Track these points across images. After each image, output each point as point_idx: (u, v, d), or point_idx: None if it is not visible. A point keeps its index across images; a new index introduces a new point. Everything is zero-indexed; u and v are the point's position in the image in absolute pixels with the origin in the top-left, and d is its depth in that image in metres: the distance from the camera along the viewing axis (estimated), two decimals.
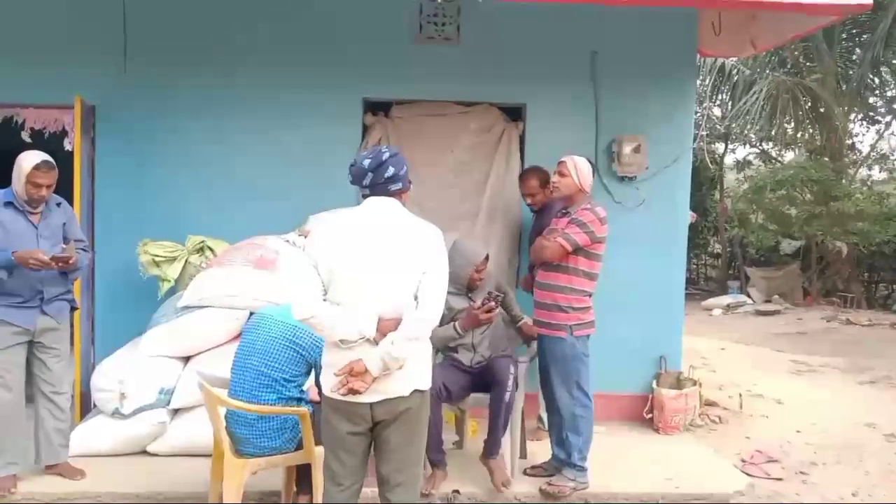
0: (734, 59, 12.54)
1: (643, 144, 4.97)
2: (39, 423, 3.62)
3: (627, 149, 4.95)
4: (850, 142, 16.21)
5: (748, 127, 14.27)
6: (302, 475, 3.27)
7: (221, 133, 4.83)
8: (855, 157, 16.48)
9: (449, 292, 3.77)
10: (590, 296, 3.74)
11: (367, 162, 2.51)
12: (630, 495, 3.75)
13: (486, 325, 3.71)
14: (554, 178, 3.76)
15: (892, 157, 19.56)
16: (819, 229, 12.79)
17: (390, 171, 2.49)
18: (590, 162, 3.76)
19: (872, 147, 17.69)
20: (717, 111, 16.05)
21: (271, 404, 3.04)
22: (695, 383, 5.06)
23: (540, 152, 4.92)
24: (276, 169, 4.82)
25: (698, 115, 14.69)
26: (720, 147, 16.78)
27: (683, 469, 4.09)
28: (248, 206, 4.76)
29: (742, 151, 18.19)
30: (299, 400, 3.13)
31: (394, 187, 2.52)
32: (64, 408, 3.64)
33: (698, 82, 12.83)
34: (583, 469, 3.73)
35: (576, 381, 3.71)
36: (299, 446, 3.11)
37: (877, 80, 15.87)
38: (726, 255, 16.36)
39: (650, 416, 4.90)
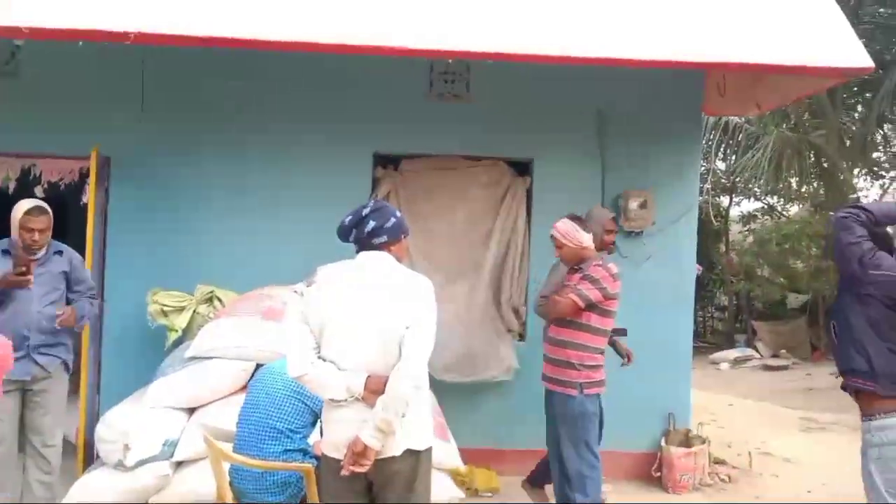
0: (738, 117, 12.73)
1: (649, 200, 5.02)
2: (26, 474, 3.59)
3: (634, 204, 5.00)
4: (854, 196, 16.28)
5: (753, 181, 14.39)
6: None
7: (233, 183, 4.90)
8: None
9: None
10: (602, 353, 3.73)
11: (348, 219, 2.56)
12: None
13: None
14: (556, 253, 3.80)
15: None
16: (825, 284, 12.75)
17: (370, 225, 2.51)
18: (572, 217, 3.76)
19: (877, 201, 17.76)
20: (721, 165, 16.20)
21: (276, 456, 3.01)
22: (703, 441, 4.99)
23: (547, 207, 4.98)
24: (286, 219, 4.88)
25: (703, 169, 14.85)
26: (725, 200, 16.88)
27: None
28: (258, 256, 4.80)
29: (747, 205, 18.30)
30: (304, 453, 3.10)
31: (378, 241, 2.52)
32: (52, 461, 3.61)
33: (704, 137, 13.00)
34: None
35: (584, 441, 3.66)
36: (303, 502, 3.07)
37: (880, 136, 16.05)
38: (732, 309, 16.29)
39: (658, 474, 4.83)
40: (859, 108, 14.71)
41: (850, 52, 4.08)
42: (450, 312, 4.76)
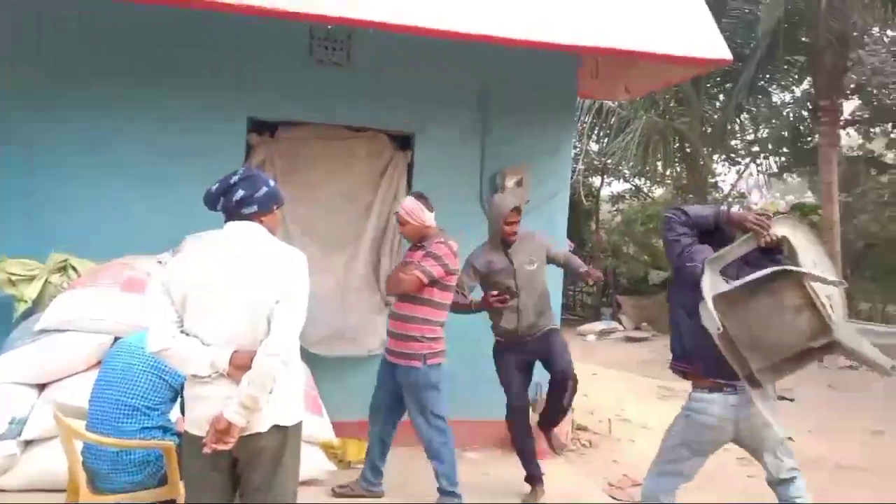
0: (611, 101, 13.31)
1: (525, 178, 5.16)
2: None
3: (510, 182, 5.12)
4: (713, 180, 17.56)
5: (623, 163, 15.15)
6: None
7: (95, 146, 4.53)
8: (717, 195, 17.85)
9: (489, 251, 4.13)
10: (442, 326, 3.88)
11: (215, 187, 2.45)
12: None
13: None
14: (399, 230, 3.89)
15: (749, 196, 21.36)
16: None
17: (239, 193, 2.42)
18: (417, 196, 3.89)
19: (733, 186, 19.24)
20: (594, 147, 16.92)
21: (133, 434, 2.87)
22: None
23: (427, 181, 4.98)
24: (152, 184, 4.57)
25: (577, 150, 15.46)
26: (597, 181, 17.68)
27: (554, 494, 4.22)
28: (120, 224, 4.49)
29: (617, 186, 19.27)
30: (164, 430, 2.96)
31: (247, 210, 2.43)
32: None
33: (578, 120, 13.50)
34: (457, 495, 3.77)
35: (431, 410, 3.82)
36: (163, 481, 2.95)
37: (738, 125, 17.33)
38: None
39: None
40: (721, 97, 15.77)
41: (712, 44, 4.36)
42: (327, 285, 4.71)
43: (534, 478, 4.18)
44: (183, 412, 2.64)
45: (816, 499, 4.51)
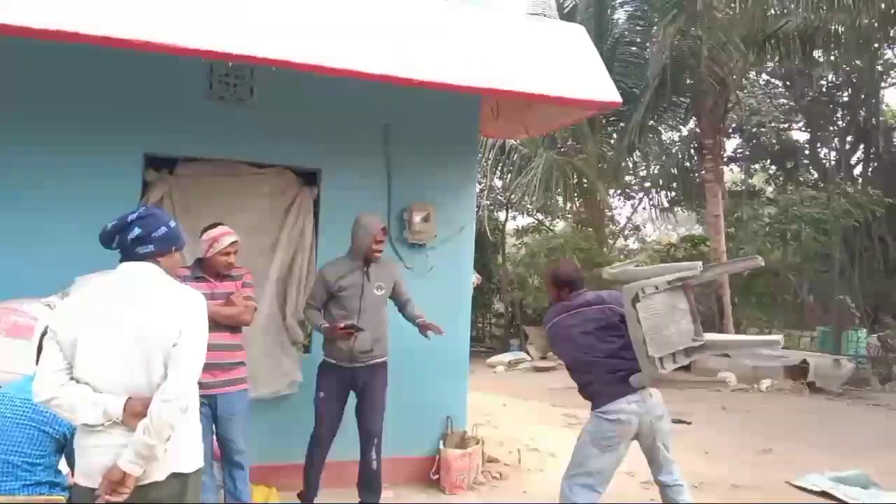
0: (513, 140, 13.79)
1: (432, 213, 5.24)
2: None
3: (417, 217, 5.19)
4: (609, 214, 18.38)
5: (526, 198, 15.63)
6: None
7: None
8: (614, 228, 18.68)
9: (345, 265, 4.17)
10: None
11: (111, 224, 2.38)
12: None
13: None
14: (233, 260, 3.88)
15: (644, 229, 22.46)
16: None
17: (136, 232, 2.35)
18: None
19: (628, 219, 20.19)
20: (498, 183, 17.39)
21: (17, 492, 2.67)
22: (478, 442, 5.30)
23: (335, 217, 4.99)
24: (40, 222, 4.33)
25: (482, 185, 15.83)
26: (502, 215, 18.14)
27: None
28: (4, 264, 4.22)
29: (521, 220, 19.84)
30: (52, 486, 2.78)
31: (143, 250, 2.36)
32: None
33: (482, 157, 13.86)
34: None
35: (247, 430, 3.92)
36: None
37: (631, 163, 18.28)
38: (508, 315, 17.51)
39: (437, 476, 5.03)
40: (615, 136, 16.62)
41: (603, 88, 4.62)
42: None
43: (304, 498, 4.26)
44: (70, 464, 2.49)
45: None
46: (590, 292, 3.89)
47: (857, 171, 19.93)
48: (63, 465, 2.86)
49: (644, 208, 19.79)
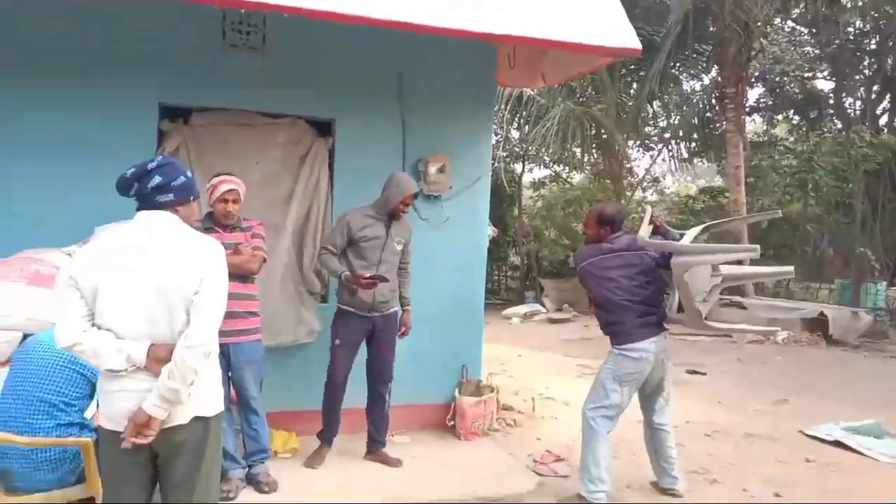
0: (529, 89, 13.55)
1: (447, 164, 5.21)
2: None
3: (433, 168, 5.16)
4: (628, 166, 18.15)
5: (543, 150, 15.46)
6: None
7: None
8: (632, 179, 18.46)
9: (369, 216, 4.24)
10: None
11: (130, 171, 2.37)
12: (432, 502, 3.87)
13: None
14: (231, 208, 3.85)
15: (663, 181, 22.21)
16: None
17: (156, 180, 2.35)
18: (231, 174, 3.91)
19: (647, 171, 19.94)
20: (515, 134, 17.18)
21: (49, 432, 2.77)
22: (493, 390, 5.37)
23: (349, 168, 4.99)
24: (59, 175, 4.35)
25: (498, 136, 15.66)
26: (518, 167, 17.98)
27: (481, 473, 4.33)
28: (23, 216, 4.26)
29: (538, 172, 19.66)
30: (82, 427, 2.87)
31: (163, 199, 2.37)
32: None
33: (499, 108, 13.68)
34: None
35: (262, 380, 4.03)
36: (81, 479, 2.86)
37: (651, 112, 17.94)
38: (524, 268, 17.52)
39: (452, 423, 5.12)
40: (634, 85, 16.28)
41: (623, 34, 4.50)
42: None
43: (324, 437, 4.37)
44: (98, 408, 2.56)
45: (725, 465, 4.82)
46: (625, 235, 4.09)
47: (883, 120, 19.45)
48: (90, 410, 2.95)
49: (663, 160, 19.53)
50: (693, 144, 18.97)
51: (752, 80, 17.68)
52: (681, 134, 18.03)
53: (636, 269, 3.97)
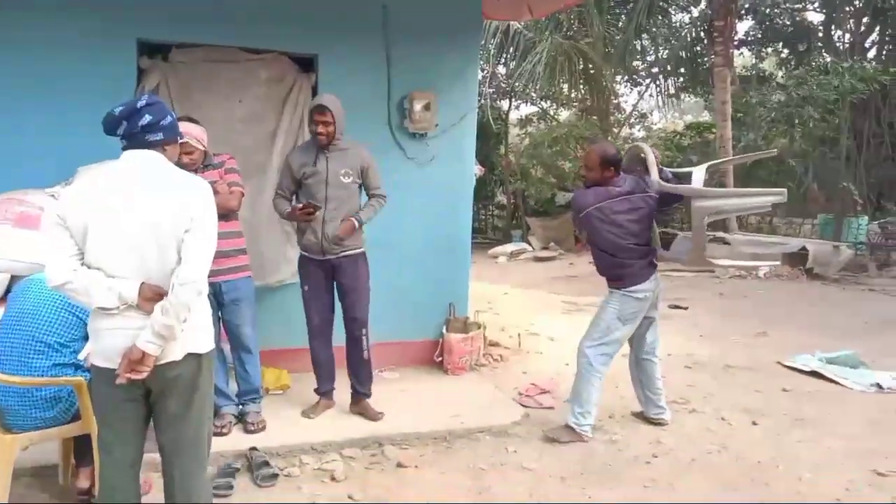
0: (516, 23, 13.27)
1: (433, 102, 5.14)
2: None
3: (418, 106, 5.10)
4: (615, 102, 17.97)
5: (530, 86, 15.25)
6: (81, 448, 3.07)
7: None
8: (620, 116, 18.31)
9: (307, 151, 4.05)
10: None
11: (119, 109, 2.33)
12: (421, 434, 3.99)
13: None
14: (185, 161, 3.60)
15: (650, 117, 22.06)
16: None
17: (146, 119, 2.32)
18: (190, 119, 3.72)
19: (634, 107, 19.77)
20: (501, 70, 16.90)
21: (45, 372, 2.80)
22: (479, 327, 5.46)
23: None
24: (35, 114, 4.27)
25: (485, 72, 15.40)
26: (505, 104, 17.76)
27: (468, 406, 4.44)
28: (6, 157, 4.20)
29: (525, 109, 19.44)
30: (76, 367, 2.91)
31: (153, 138, 2.34)
32: None
33: (485, 42, 13.40)
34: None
35: (254, 315, 3.99)
36: (76, 417, 2.91)
37: (639, 46, 17.65)
38: (510, 206, 17.53)
39: (440, 359, 5.22)
40: (622, 18, 15.97)
41: None
42: None
43: (319, 391, 4.27)
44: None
45: (705, 395, 4.97)
46: (628, 176, 4.05)
47: (871, 54, 19.29)
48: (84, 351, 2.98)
49: (650, 95, 19.36)
50: (681, 79, 18.79)
51: (742, 12, 17.39)
52: (668, 68, 17.82)
53: (642, 211, 3.97)
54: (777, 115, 14.59)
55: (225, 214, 3.72)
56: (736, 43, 17.15)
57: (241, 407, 4.01)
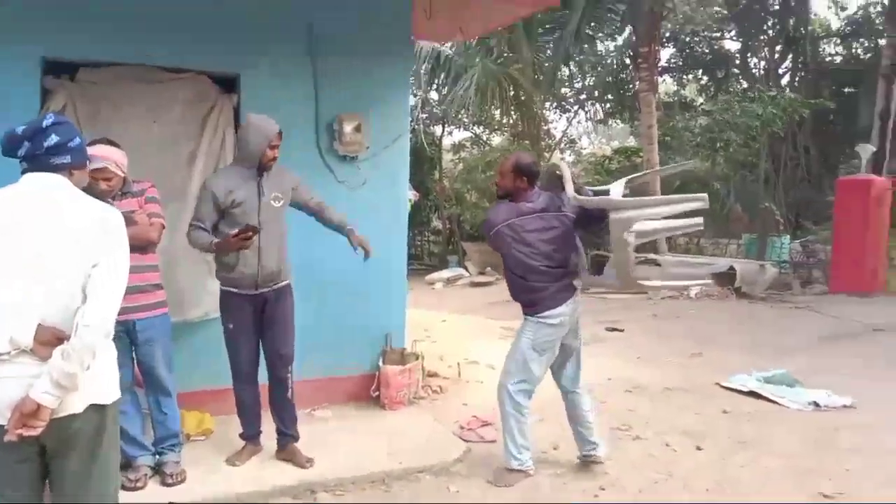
0: (448, 47, 13.30)
1: (363, 123, 4.95)
2: None
3: (348, 127, 4.90)
4: (546, 127, 18.26)
5: (462, 112, 15.31)
6: None
7: None
8: (550, 141, 18.59)
9: (235, 176, 3.67)
10: None
11: (21, 128, 2.09)
12: (357, 478, 3.72)
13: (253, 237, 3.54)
14: (103, 187, 3.33)
15: (578, 143, 22.52)
16: None
17: (53, 139, 2.09)
18: (110, 142, 3.46)
19: (564, 133, 20.14)
20: (434, 95, 16.93)
21: None
22: (417, 357, 5.24)
23: None
24: None
25: (418, 97, 15.38)
26: (438, 130, 17.77)
27: (407, 443, 4.21)
28: None
29: (457, 134, 19.54)
30: None
31: (59, 161, 2.11)
32: None
33: (417, 68, 13.36)
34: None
35: (170, 355, 3.67)
36: None
37: (567, 73, 18.01)
38: (446, 232, 17.44)
39: (377, 393, 4.96)
40: (550, 46, 16.28)
41: None
42: None
43: (244, 436, 3.95)
44: None
45: (646, 420, 4.89)
46: (543, 193, 3.80)
47: (785, 80, 20.29)
48: None
49: (579, 122, 19.78)
50: (608, 105, 19.27)
51: (663, 40, 18.02)
52: (596, 94, 18.23)
53: (556, 231, 3.68)
54: (702, 139, 15.06)
55: (142, 247, 3.43)
56: (659, 69, 17.71)
57: (158, 457, 3.65)
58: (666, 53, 20.47)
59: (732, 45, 21.52)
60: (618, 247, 3.49)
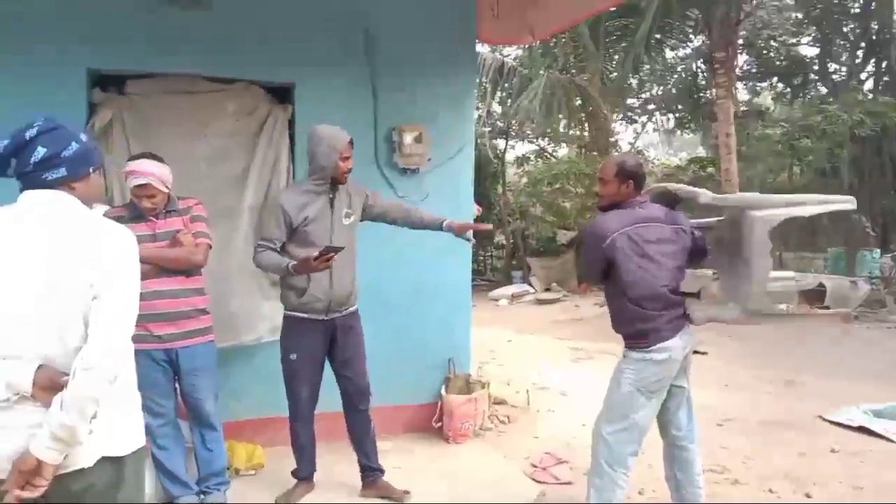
0: (512, 58, 12.96)
1: (425, 134, 4.61)
2: None
3: (409, 138, 4.56)
4: (613, 139, 17.69)
5: (527, 124, 14.91)
6: None
7: None
8: (617, 152, 17.98)
9: (307, 191, 3.33)
10: None
11: (3, 143, 1.81)
12: None
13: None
14: (147, 205, 3.18)
15: (647, 154, 21.81)
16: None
17: (40, 153, 1.80)
18: (155, 156, 3.23)
19: (632, 144, 19.51)
20: (497, 108, 16.60)
21: None
22: (483, 385, 4.83)
23: None
24: None
25: (481, 110, 15.07)
26: (501, 143, 17.43)
27: (474, 482, 3.81)
28: None
29: (521, 147, 19.17)
30: None
31: (53, 175, 1.81)
32: None
33: (480, 80, 13.07)
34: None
35: (216, 385, 3.42)
36: None
37: (635, 83, 17.42)
38: (510, 247, 17.01)
39: (439, 424, 4.58)
40: (617, 56, 15.76)
41: None
42: None
43: (298, 476, 3.63)
44: None
45: (744, 460, 4.34)
46: (654, 203, 3.22)
47: (868, 86, 19.09)
48: None
49: (647, 132, 19.09)
50: (678, 115, 18.54)
51: (740, 46, 17.20)
52: (664, 104, 17.55)
53: (675, 246, 3.06)
54: (783, 147, 14.20)
55: (187, 269, 3.18)
56: (737, 74, 16.91)
57: (202, 496, 3.36)
58: (740, 61, 19.59)
59: (810, 51, 20.44)
60: (758, 252, 2.92)
